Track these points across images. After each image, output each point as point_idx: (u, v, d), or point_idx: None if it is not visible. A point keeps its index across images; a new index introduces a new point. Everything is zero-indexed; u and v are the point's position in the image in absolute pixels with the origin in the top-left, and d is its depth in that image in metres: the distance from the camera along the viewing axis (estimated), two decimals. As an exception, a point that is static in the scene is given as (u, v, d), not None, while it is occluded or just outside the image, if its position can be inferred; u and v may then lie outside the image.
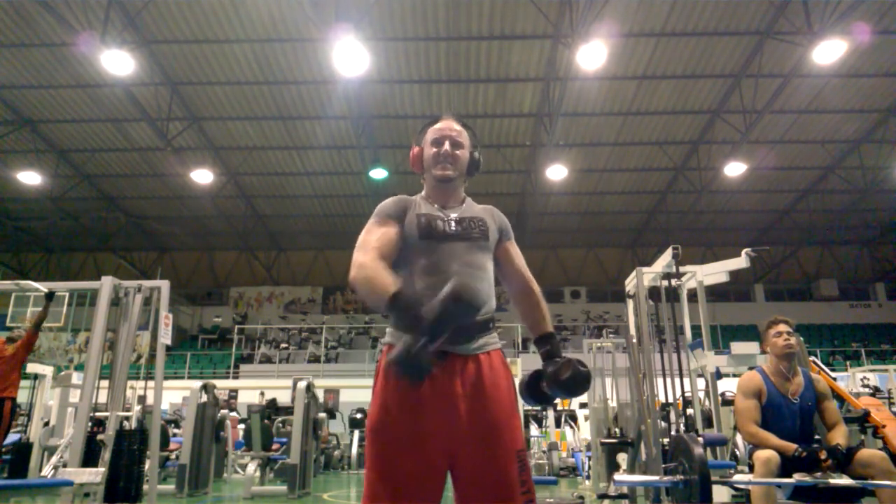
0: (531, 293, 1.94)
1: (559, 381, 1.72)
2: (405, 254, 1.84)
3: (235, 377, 17.79)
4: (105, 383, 5.34)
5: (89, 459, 4.94)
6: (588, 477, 8.90)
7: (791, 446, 3.25)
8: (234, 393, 15.80)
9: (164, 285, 5.61)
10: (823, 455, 3.15)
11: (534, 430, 11.29)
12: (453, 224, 1.88)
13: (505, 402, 1.74)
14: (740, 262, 5.44)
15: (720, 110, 13.82)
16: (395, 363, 1.42)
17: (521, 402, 1.88)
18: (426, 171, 2.00)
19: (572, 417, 11.74)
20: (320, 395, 8.63)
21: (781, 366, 3.55)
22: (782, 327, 3.58)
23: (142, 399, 6.02)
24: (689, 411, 5.59)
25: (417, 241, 1.83)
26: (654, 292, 5.42)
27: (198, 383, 7.94)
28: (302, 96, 13.60)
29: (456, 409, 1.69)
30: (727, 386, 8.25)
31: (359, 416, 12.50)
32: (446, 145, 1.94)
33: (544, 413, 12.84)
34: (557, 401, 13.67)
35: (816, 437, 3.52)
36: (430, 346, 1.43)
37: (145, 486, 5.34)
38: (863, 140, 15.03)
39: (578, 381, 1.72)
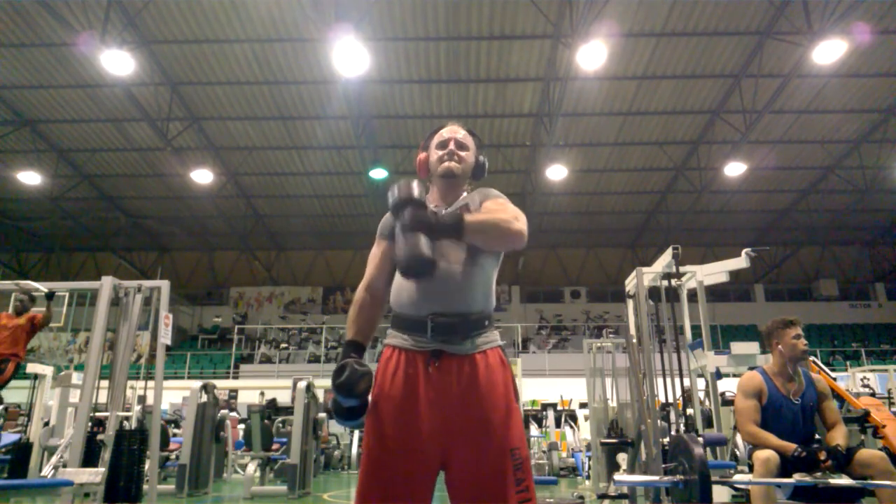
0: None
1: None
2: None
3: (235, 377, 17.79)
4: (105, 383, 5.34)
5: (89, 459, 4.94)
6: (588, 477, 8.91)
7: (790, 446, 3.25)
8: (234, 393, 15.80)
9: (164, 285, 5.61)
10: (823, 456, 3.15)
11: (534, 430, 11.29)
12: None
13: (500, 400, 1.73)
14: (740, 262, 5.44)
15: (720, 110, 13.82)
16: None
17: (521, 401, 1.88)
18: (432, 174, 2.02)
19: (572, 417, 11.74)
20: (320, 395, 8.63)
21: (789, 367, 3.54)
22: (799, 329, 3.57)
23: (142, 399, 6.02)
24: (689, 411, 5.59)
25: None
26: (654, 292, 5.42)
27: (198, 383, 7.95)
28: (302, 96, 13.60)
29: (450, 408, 1.69)
30: (727, 386, 8.25)
31: (359, 416, 12.48)
32: (451, 145, 1.99)
33: (544, 413, 12.86)
34: (558, 400, 13.73)
35: (817, 436, 3.52)
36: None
37: (145, 486, 5.34)
38: (863, 140, 15.03)
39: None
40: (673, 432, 4.56)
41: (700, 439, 3.66)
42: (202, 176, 15.40)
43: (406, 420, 1.69)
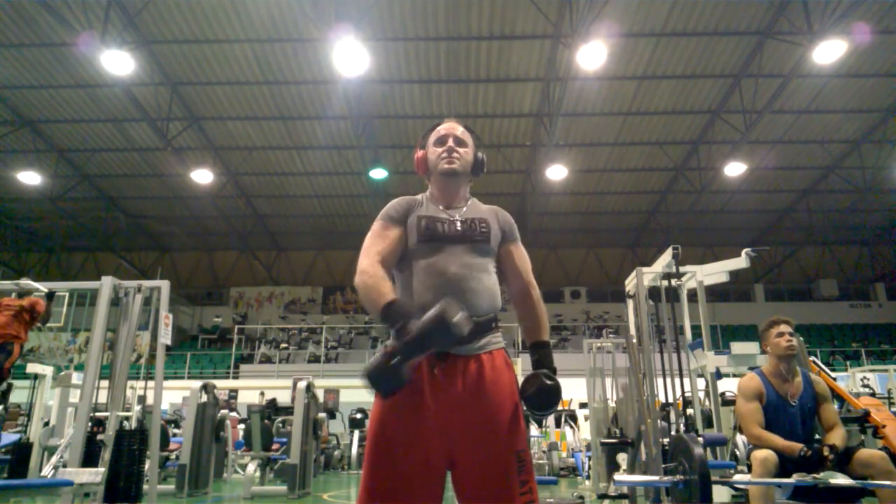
0: (528, 297, 1.91)
1: (524, 398, 1.72)
2: (407, 255, 1.87)
3: (235, 377, 17.78)
4: (105, 383, 5.34)
5: (89, 459, 4.93)
6: (588, 477, 8.90)
7: (797, 446, 3.25)
8: (234, 393, 15.78)
9: (164, 285, 5.61)
10: (826, 451, 3.16)
11: (534, 430, 11.28)
12: (457, 225, 1.87)
13: (506, 402, 1.73)
14: (740, 262, 5.44)
15: (720, 110, 13.82)
16: (366, 375, 1.47)
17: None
18: (431, 173, 2.00)
19: (572, 417, 11.73)
20: (320, 395, 8.64)
21: (781, 367, 3.54)
22: (784, 328, 3.56)
23: (142, 399, 6.02)
24: (689, 411, 5.59)
25: (417, 244, 1.84)
26: (654, 292, 5.41)
27: (198, 383, 7.94)
28: (302, 96, 13.60)
29: (457, 409, 1.68)
30: (727, 386, 8.25)
31: (359, 416, 12.50)
32: (450, 142, 1.97)
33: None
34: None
35: (817, 437, 3.52)
36: (404, 364, 1.47)
37: (145, 486, 5.34)
38: (863, 140, 15.03)
39: (542, 396, 1.69)
40: (673, 432, 4.56)
41: (700, 439, 3.66)
42: (202, 176, 15.40)
43: (411, 421, 1.68)
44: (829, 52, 10.56)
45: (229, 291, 22.69)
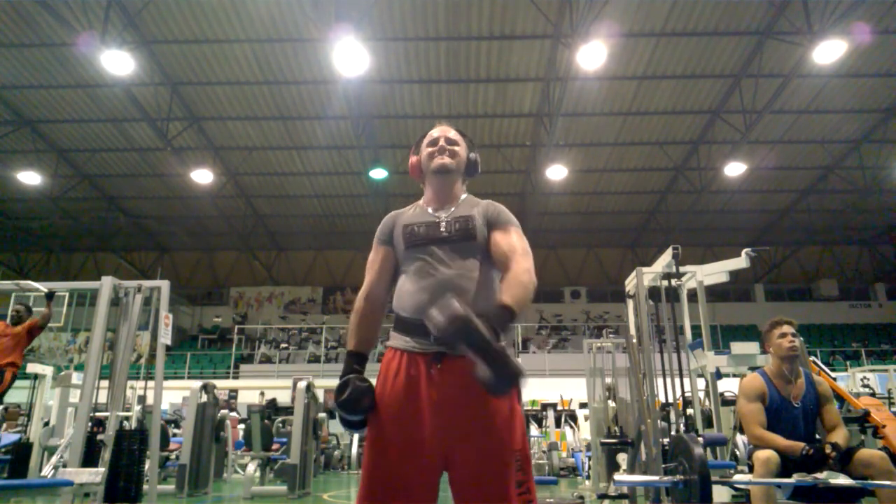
0: (506, 270, 1.75)
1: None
2: (401, 262, 1.93)
3: (235, 377, 17.79)
4: (105, 383, 5.34)
5: (89, 459, 4.94)
6: (588, 477, 8.91)
7: (799, 445, 3.25)
8: (234, 393, 15.81)
9: (164, 285, 5.62)
10: (829, 449, 3.17)
11: (534, 430, 11.29)
12: (441, 226, 1.88)
13: (503, 402, 1.72)
14: (740, 262, 5.44)
15: (720, 110, 13.82)
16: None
17: (522, 402, 1.87)
18: (425, 174, 2.02)
19: (572, 417, 11.74)
20: (320, 395, 8.63)
21: (784, 367, 3.54)
22: (787, 328, 3.56)
23: (142, 399, 6.02)
24: (689, 411, 5.59)
25: (405, 251, 1.89)
26: (654, 292, 5.41)
27: (198, 383, 7.95)
28: (302, 96, 13.60)
29: (453, 409, 1.68)
30: (727, 386, 8.26)
31: (359, 416, 12.48)
32: (442, 141, 2.00)
33: (544, 413, 12.86)
34: (558, 401, 13.71)
35: (818, 438, 3.52)
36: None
37: (145, 486, 5.35)
38: (863, 140, 15.03)
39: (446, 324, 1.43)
40: (673, 432, 4.56)
41: (700, 439, 3.66)
42: (202, 176, 15.39)
43: (407, 421, 1.69)
44: (829, 52, 10.55)
45: (229, 291, 22.69)
